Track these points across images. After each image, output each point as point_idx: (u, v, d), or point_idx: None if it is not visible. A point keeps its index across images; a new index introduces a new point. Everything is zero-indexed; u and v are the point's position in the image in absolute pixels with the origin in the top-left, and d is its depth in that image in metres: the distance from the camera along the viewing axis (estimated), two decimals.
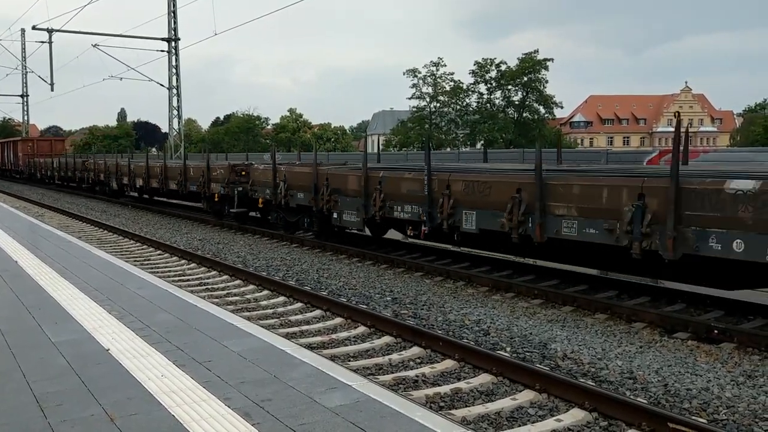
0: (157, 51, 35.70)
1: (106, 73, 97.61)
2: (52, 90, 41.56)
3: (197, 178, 19.23)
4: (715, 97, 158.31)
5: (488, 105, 62.90)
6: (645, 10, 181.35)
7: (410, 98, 64.02)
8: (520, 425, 5.13)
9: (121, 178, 26.56)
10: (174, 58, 35.54)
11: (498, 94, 62.43)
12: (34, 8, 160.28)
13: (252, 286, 10.21)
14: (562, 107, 64.92)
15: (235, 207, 17.24)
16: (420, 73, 62.59)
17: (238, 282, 10.62)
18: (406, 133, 62.76)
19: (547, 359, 6.66)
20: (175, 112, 36.48)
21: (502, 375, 6.05)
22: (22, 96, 59.97)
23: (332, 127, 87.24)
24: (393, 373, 6.30)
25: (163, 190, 22.43)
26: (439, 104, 63.57)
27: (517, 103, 61.92)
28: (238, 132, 76.47)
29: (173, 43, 35.36)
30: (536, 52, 59.49)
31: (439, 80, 63.07)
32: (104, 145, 66.89)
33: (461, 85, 62.86)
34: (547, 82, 60.41)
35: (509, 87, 61.38)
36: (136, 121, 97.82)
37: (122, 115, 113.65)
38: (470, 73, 62.21)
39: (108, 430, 3.61)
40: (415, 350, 6.93)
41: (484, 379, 6.06)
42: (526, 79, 59.91)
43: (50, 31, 35.52)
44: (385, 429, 3.61)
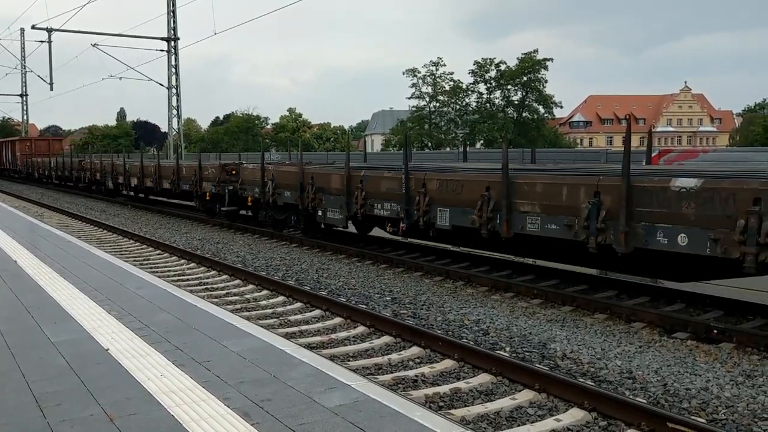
0: (157, 50, 35.75)
1: (105, 72, 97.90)
2: (51, 89, 41.70)
3: (189, 177, 19.43)
4: (715, 97, 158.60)
5: (488, 105, 62.99)
6: (645, 10, 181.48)
7: (410, 98, 64.21)
8: (519, 425, 5.13)
9: (116, 178, 26.74)
10: (173, 57, 35.54)
11: (497, 93, 62.64)
12: (34, 7, 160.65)
13: (251, 286, 10.21)
14: (562, 107, 65.17)
15: (225, 205, 17.44)
16: (420, 72, 62.76)
17: (237, 282, 10.62)
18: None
19: (547, 359, 6.66)
20: (175, 112, 36.49)
21: (502, 375, 6.05)
22: (21, 95, 59.93)
23: (332, 126, 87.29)
24: (392, 372, 6.30)
25: (157, 189, 22.66)
26: (438, 104, 63.63)
27: (516, 102, 62.02)
28: (238, 132, 76.49)
29: (172, 43, 35.35)
30: (536, 52, 59.76)
31: (438, 80, 63.19)
32: (103, 145, 66.82)
33: (461, 84, 62.98)
34: (546, 82, 60.71)
35: (509, 87, 61.51)
36: (135, 120, 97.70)
37: (122, 114, 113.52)
38: (470, 73, 62.46)
39: (107, 430, 3.61)
40: (415, 350, 6.93)
41: (483, 378, 6.06)
42: (525, 78, 60.05)
43: (50, 31, 35.54)
44: (384, 429, 3.61)
